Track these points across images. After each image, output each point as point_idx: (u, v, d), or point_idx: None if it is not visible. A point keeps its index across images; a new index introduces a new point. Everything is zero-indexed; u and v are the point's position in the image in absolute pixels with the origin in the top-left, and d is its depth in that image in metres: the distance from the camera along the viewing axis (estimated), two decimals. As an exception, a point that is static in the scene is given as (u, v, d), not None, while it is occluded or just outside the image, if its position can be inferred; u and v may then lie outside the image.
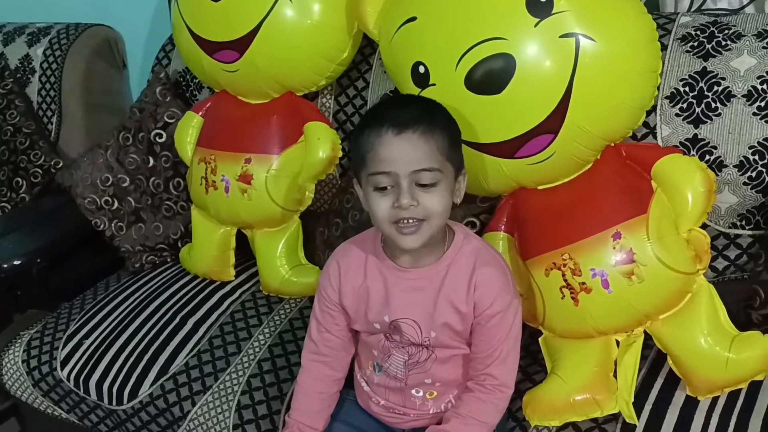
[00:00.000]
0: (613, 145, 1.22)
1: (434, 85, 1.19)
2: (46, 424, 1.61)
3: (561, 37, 1.11)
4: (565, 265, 1.17)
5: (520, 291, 1.26)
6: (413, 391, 1.13)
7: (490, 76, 1.13)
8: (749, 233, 1.28)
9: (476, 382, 1.10)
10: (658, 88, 1.28)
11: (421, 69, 1.20)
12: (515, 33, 1.12)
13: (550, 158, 1.18)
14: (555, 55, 1.11)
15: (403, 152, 0.98)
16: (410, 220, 0.99)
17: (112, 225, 1.75)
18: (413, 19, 1.21)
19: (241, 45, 1.42)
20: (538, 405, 1.17)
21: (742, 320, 1.22)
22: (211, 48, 1.46)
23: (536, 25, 1.11)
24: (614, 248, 1.14)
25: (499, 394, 1.09)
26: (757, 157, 1.24)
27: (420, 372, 1.12)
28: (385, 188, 1.00)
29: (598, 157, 1.22)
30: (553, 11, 1.11)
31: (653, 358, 1.25)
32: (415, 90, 1.22)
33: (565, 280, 1.18)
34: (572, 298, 1.18)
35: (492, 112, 1.16)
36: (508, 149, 1.18)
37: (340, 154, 1.46)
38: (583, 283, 1.16)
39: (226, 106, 1.55)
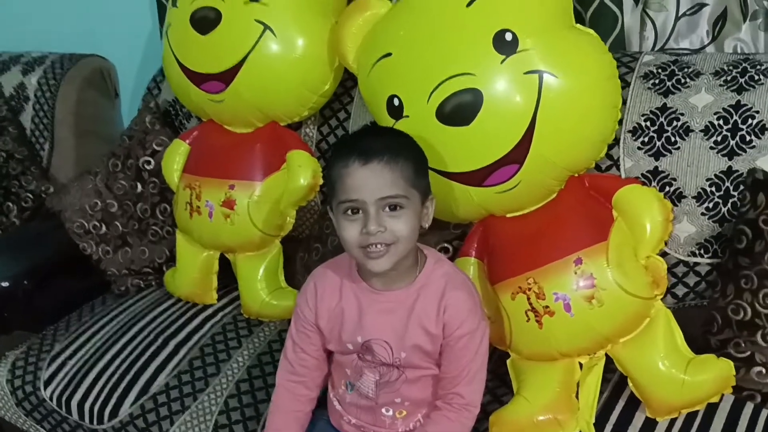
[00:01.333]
0: (576, 175, 1.28)
1: (408, 116, 1.25)
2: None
3: (525, 73, 1.18)
4: (530, 289, 1.23)
5: (489, 314, 1.31)
6: (383, 410, 1.17)
7: (460, 109, 1.19)
8: (707, 261, 1.33)
9: (444, 401, 1.14)
10: (621, 123, 1.36)
11: (396, 101, 1.26)
12: (483, 69, 1.18)
13: (516, 187, 1.24)
14: (520, 90, 1.18)
15: (369, 181, 1.03)
16: (378, 245, 1.05)
17: (99, 249, 1.80)
18: (389, 54, 1.28)
19: (227, 77, 1.48)
20: (503, 425, 1.22)
21: (702, 345, 1.27)
22: (198, 79, 1.52)
23: (502, 62, 1.18)
24: (576, 273, 1.20)
25: (466, 413, 1.14)
26: (714, 189, 1.31)
27: (390, 391, 1.16)
28: (353, 215, 1.05)
29: (563, 187, 1.28)
30: (519, 49, 1.18)
31: (616, 380, 1.30)
32: (390, 121, 1.28)
33: (530, 304, 1.23)
34: (537, 321, 1.23)
35: (461, 143, 1.22)
36: (476, 178, 1.24)
37: (321, 181, 1.52)
38: (547, 307, 1.21)
39: (212, 134, 1.61)
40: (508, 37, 1.17)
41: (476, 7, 1.20)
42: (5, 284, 1.68)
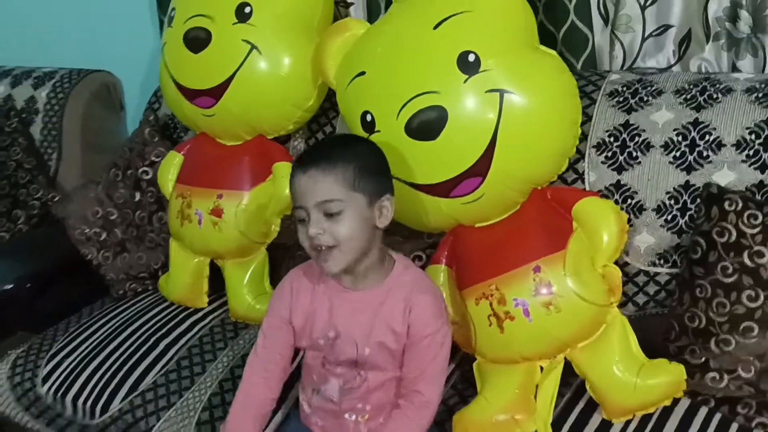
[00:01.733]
0: (539, 188, 1.35)
1: (379, 131, 1.33)
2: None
3: (487, 92, 1.25)
4: (492, 295, 1.30)
5: (457, 319, 1.38)
6: (346, 415, 1.23)
7: (426, 125, 1.27)
8: (667, 271, 1.39)
9: (405, 400, 1.20)
10: (587, 138, 1.43)
11: (368, 117, 1.34)
12: (447, 88, 1.26)
13: (481, 198, 1.31)
14: (482, 108, 1.26)
15: (307, 187, 1.12)
16: (323, 247, 1.12)
17: (100, 255, 1.89)
18: (363, 73, 1.36)
19: (217, 92, 1.57)
20: (465, 424, 1.28)
21: (662, 352, 1.32)
22: (190, 94, 1.62)
23: (465, 81, 1.25)
24: (534, 280, 1.27)
25: (425, 411, 1.20)
26: (672, 202, 1.37)
27: (353, 397, 1.22)
28: (303, 220, 1.14)
29: (526, 199, 1.35)
30: (481, 69, 1.25)
31: (578, 384, 1.35)
32: (364, 135, 1.36)
33: (492, 309, 1.30)
34: (498, 325, 1.29)
35: (429, 157, 1.30)
36: (443, 189, 1.31)
37: (305, 192, 1.60)
38: (507, 312, 1.28)
39: (204, 146, 1.70)
40: (471, 58, 1.25)
41: (442, 29, 1.28)
42: (8, 286, 1.78)
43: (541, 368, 1.32)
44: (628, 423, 1.26)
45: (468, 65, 1.25)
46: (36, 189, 2.12)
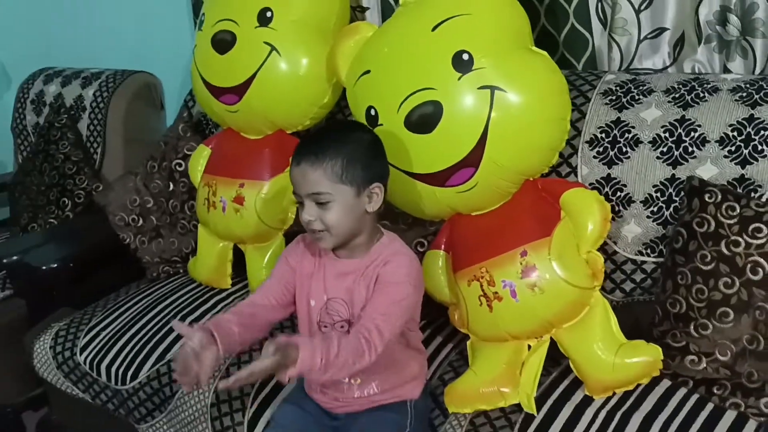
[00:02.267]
0: (531, 179, 1.44)
1: (382, 125, 1.44)
2: (68, 405, 1.89)
3: (479, 88, 1.35)
4: (482, 277, 1.40)
5: (453, 300, 1.49)
6: (343, 380, 1.34)
7: (423, 119, 1.38)
8: (653, 260, 1.47)
9: (361, 327, 1.21)
10: (581, 134, 1.52)
11: (372, 111, 1.46)
12: (443, 84, 1.37)
13: (474, 188, 1.41)
14: (474, 103, 1.36)
15: (299, 179, 1.24)
16: (315, 231, 1.25)
17: (136, 239, 2.05)
18: (368, 71, 1.48)
19: (240, 90, 1.71)
20: (454, 395, 1.39)
21: (647, 336, 1.40)
22: (217, 92, 1.76)
23: (459, 78, 1.36)
24: (521, 264, 1.36)
25: (373, 343, 1.18)
26: (659, 195, 1.45)
27: None
28: (300, 204, 1.26)
29: (518, 189, 1.44)
30: (474, 68, 1.36)
31: (566, 364, 1.44)
32: (368, 128, 1.48)
33: (483, 290, 1.40)
34: (488, 305, 1.39)
35: (426, 148, 1.40)
36: (439, 179, 1.42)
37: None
38: (496, 293, 1.38)
39: (229, 140, 1.85)
40: (465, 57, 1.36)
41: (440, 31, 1.39)
42: (54, 265, 1.95)
43: (529, 347, 1.41)
44: (608, 399, 1.35)
45: (462, 63, 1.36)
46: (82, 179, 2.30)
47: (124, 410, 1.71)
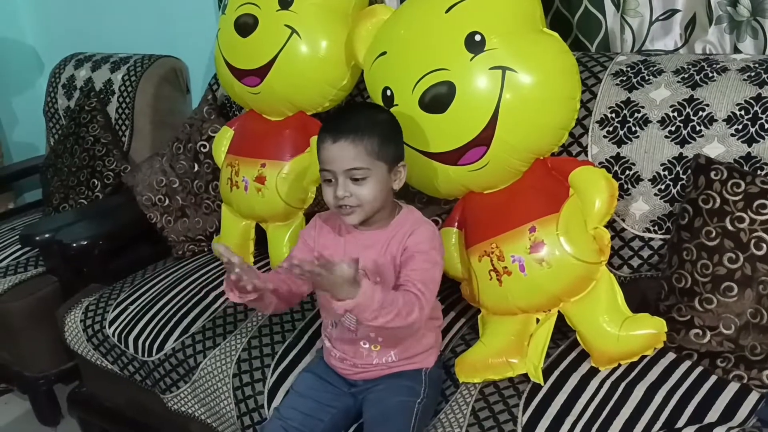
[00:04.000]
0: (541, 158, 1.48)
1: (397, 105, 1.49)
2: (97, 376, 1.98)
3: (491, 68, 1.39)
4: (493, 253, 1.44)
5: (464, 275, 1.54)
6: (361, 343, 1.41)
7: (437, 99, 1.42)
8: (660, 237, 1.50)
9: (405, 288, 1.28)
10: (591, 114, 1.55)
11: (388, 92, 1.50)
12: (456, 65, 1.41)
13: (486, 166, 1.46)
14: (486, 83, 1.40)
15: (337, 155, 1.28)
16: (347, 207, 1.30)
17: (163, 219, 2.13)
18: (384, 53, 1.53)
19: (261, 72, 1.77)
20: (464, 365, 1.44)
21: (653, 311, 1.44)
22: (239, 74, 1.82)
23: (471, 59, 1.40)
24: (530, 239, 1.41)
25: (419, 304, 1.25)
26: (666, 173, 1.48)
27: (368, 327, 1.39)
28: (329, 181, 1.31)
29: (529, 167, 1.48)
30: (485, 48, 1.40)
31: (574, 338, 1.49)
32: (384, 109, 1.53)
33: (493, 265, 1.44)
34: (497, 279, 1.44)
35: (439, 127, 1.45)
36: (452, 158, 1.47)
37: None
38: (506, 267, 1.43)
39: (251, 121, 1.91)
40: (478, 38, 1.40)
41: (453, 13, 1.43)
42: (84, 242, 2.03)
43: (537, 320, 1.46)
44: (614, 370, 1.39)
45: (474, 44, 1.40)
46: (111, 161, 2.38)
47: (151, 381, 1.79)
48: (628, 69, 1.57)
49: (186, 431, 1.78)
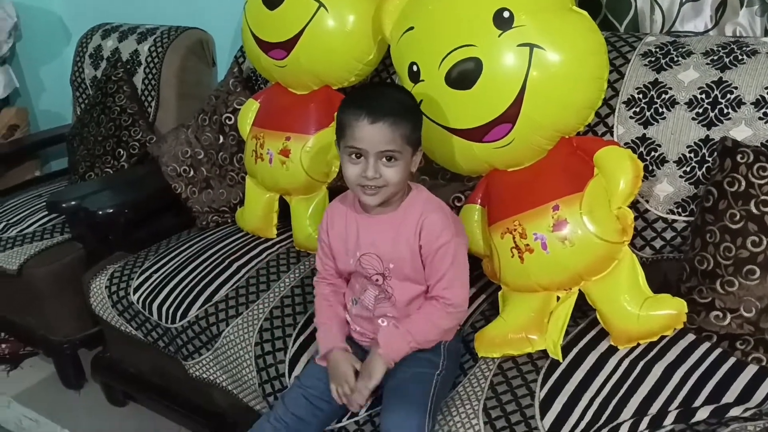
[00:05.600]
0: (567, 137, 1.48)
1: (423, 80, 1.50)
2: (121, 342, 2.02)
3: (519, 45, 1.39)
4: (515, 230, 1.45)
5: (486, 253, 1.55)
6: (379, 321, 1.43)
7: (463, 75, 1.43)
8: (684, 219, 1.50)
9: (432, 299, 1.38)
10: (618, 94, 1.55)
11: (415, 68, 1.51)
12: (483, 41, 1.41)
13: (511, 144, 1.46)
14: (513, 60, 1.40)
15: (374, 136, 1.28)
16: (372, 187, 1.31)
17: (187, 189, 2.15)
18: (411, 28, 1.53)
19: (288, 45, 1.78)
20: (483, 340, 1.46)
21: (675, 292, 1.44)
22: (266, 47, 1.83)
23: (499, 35, 1.40)
24: (553, 218, 1.41)
25: (450, 308, 1.37)
26: (692, 155, 1.48)
27: (385, 306, 1.42)
28: (356, 159, 1.32)
29: (554, 146, 1.49)
30: (514, 25, 1.39)
31: (594, 317, 1.49)
32: (410, 85, 1.53)
33: (515, 242, 1.45)
34: (519, 257, 1.45)
35: (465, 104, 1.45)
36: (477, 134, 1.47)
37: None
38: (528, 245, 1.44)
39: (277, 94, 1.92)
40: (506, 14, 1.40)
41: (482, -12, 1.43)
42: (110, 210, 2.06)
43: (558, 298, 1.47)
44: (633, 349, 1.40)
45: (503, 21, 1.40)
46: (137, 131, 2.40)
47: (174, 347, 1.83)
48: (657, 50, 1.56)
49: (207, 397, 1.82)
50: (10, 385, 2.36)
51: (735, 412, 1.23)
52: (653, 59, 1.55)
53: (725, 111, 1.45)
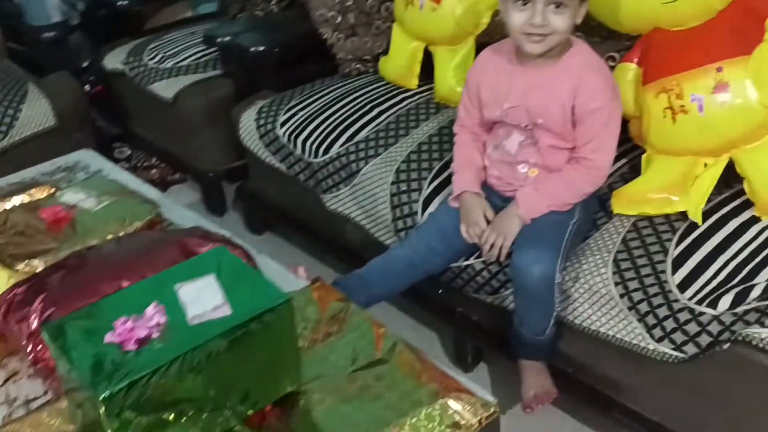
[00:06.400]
0: (739, -2, 1.40)
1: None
2: (264, 174, 2.15)
3: None
4: (672, 90, 1.42)
5: (636, 113, 1.53)
6: (519, 167, 1.46)
7: None
8: None
9: (576, 161, 1.40)
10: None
11: None
12: None
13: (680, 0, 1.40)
14: None
15: None
16: (538, 35, 1.30)
17: (334, 35, 2.20)
18: None
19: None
20: (620, 198, 1.47)
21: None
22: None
23: None
24: (715, 79, 1.36)
25: (594, 171, 1.39)
26: None
27: (528, 152, 1.44)
28: (523, 5, 1.31)
29: (725, 6, 1.41)
30: None
31: (739, 188, 1.46)
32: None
33: (669, 102, 1.42)
34: (672, 117, 1.42)
35: (636, -46, 1.40)
36: (647, -13, 1.42)
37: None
38: (683, 106, 1.40)
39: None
40: None
41: None
42: (261, 48, 2.16)
43: (705, 165, 1.44)
44: (775, 223, 1.37)
45: None
46: (288, -24, 2.46)
47: (313, 181, 1.94)
48: None
49: (341, 231, 1.94)
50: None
51: None
52: None
53: None
